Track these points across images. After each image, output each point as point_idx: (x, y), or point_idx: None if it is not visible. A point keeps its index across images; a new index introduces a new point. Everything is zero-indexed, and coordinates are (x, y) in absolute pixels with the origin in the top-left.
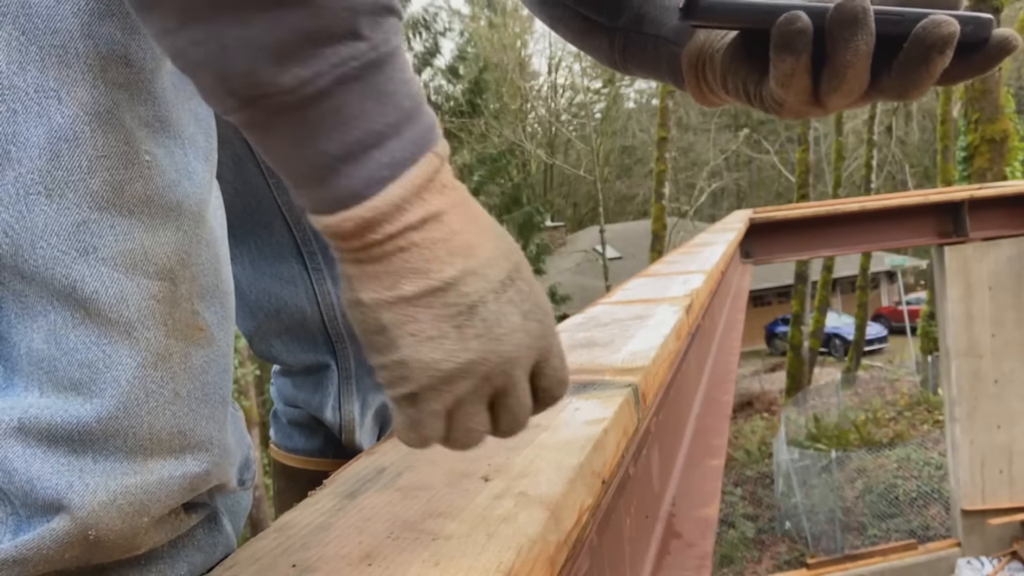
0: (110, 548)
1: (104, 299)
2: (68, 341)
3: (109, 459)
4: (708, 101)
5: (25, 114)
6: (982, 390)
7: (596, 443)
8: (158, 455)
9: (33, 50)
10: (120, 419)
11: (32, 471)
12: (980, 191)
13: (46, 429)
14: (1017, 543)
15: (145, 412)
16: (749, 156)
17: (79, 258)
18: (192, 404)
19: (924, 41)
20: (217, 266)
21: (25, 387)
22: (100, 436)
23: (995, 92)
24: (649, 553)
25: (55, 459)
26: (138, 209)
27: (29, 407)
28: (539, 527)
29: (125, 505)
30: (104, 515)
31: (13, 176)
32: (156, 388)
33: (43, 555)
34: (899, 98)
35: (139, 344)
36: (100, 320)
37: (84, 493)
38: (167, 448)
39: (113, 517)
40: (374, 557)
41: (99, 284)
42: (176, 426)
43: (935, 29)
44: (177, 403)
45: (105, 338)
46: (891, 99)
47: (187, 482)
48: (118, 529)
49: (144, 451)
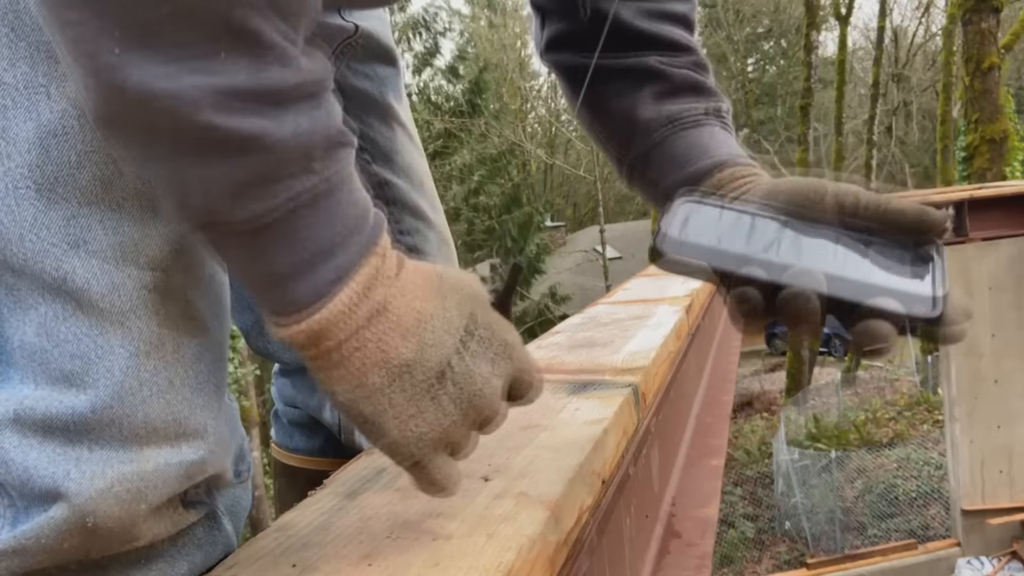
0: (108, 538)
1: (95, 290)
2: (60, 333)
3: (105, 448)
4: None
5: (15, 109)
6: (982, 390)
7: (596, 443)
8: (154, 443)
9: (22, 46)
10: (114, 409)
11: (29, 461)
12: (980, 191)
13: (41, 420)
14: (1017, 543)
15: (139, 401)
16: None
17: (69, 251)
18: (186, 393)
19: (859, 347)
20: (211, 257)
21: (21, 379)
22: (95, 426)
23: (995, 92)
24: (649, 553)
25: (51, 449)
26: (128, 203)
27: (24, 399)
28: (539, 527)
29: (122, 492)
30: (102, 502)
31: (2, 171)
32: (150, 377)
33: (42, 545)
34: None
35: (132, 334)
36: (92, 311)
37: (81, 481)
38: (163, 436)
39: (111, 504)
40: (374, 557)
41: (90, 276)
42: (171, 415)
43: (871, 336)
44: (171, 392)
45: (97, 329)
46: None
47: (183, 470)
48: (116, 517)
49: (140, 439)
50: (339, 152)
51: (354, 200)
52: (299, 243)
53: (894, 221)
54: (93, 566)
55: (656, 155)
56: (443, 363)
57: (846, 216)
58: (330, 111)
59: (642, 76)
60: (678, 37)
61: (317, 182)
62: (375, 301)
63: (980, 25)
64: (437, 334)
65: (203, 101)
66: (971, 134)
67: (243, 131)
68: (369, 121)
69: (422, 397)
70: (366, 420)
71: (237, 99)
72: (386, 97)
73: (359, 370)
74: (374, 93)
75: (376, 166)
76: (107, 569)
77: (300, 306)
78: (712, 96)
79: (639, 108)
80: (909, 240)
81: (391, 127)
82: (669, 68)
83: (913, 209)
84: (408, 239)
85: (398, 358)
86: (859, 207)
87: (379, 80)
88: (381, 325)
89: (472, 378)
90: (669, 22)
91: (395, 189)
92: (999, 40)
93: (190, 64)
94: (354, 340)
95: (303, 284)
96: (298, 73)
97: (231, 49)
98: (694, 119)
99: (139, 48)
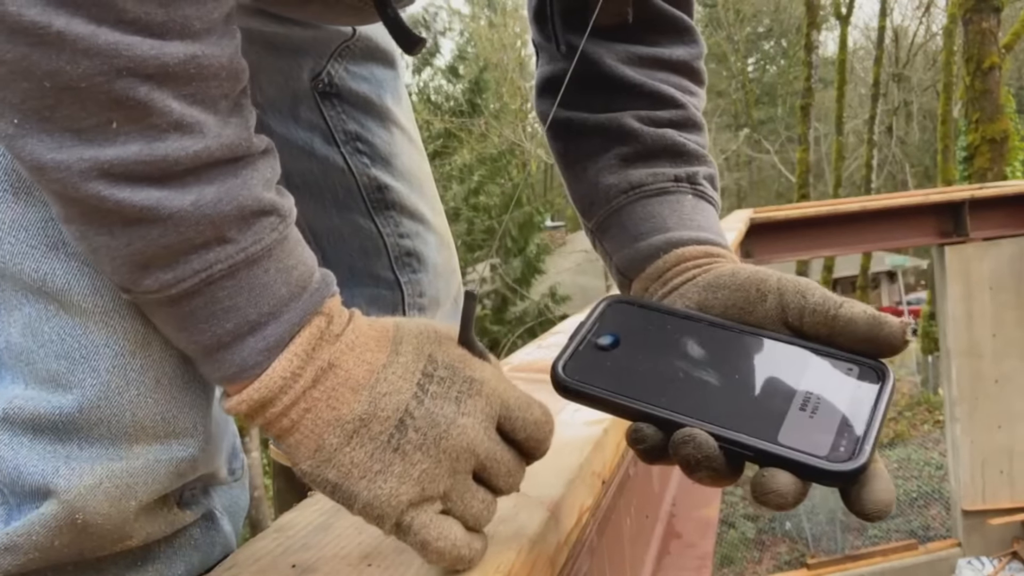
0: (100, 536)
1: (77, 291)
2: (44, 333)
3: (94, 445)
4: None
5: None
6: (982, 390)
7: (596, 443)
8: (143, 441)
9: None
10: (102, 407)
11: (19, 459)
12: (981, 191)
13: (30, 419)
14: (1017, 543)
15: (127, 400)
16: (749, 156)
17: (48, 252)
18: (174, 391)
19: (754, 495)
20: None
21: (12, 379)
22: (83, 424)
23: (996, 92)
24: (649, 553)
25: (41, 447)
26: None
27: (14, 398)
28: (539, 527)
29: (111, 488)
30: (91, 498)
31: None
32: (136, 376)
33: (33, 541)
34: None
35: (116, 333)
36: (75, 311)
37: (70, 477)
38: (151, 434)
39: (100, 501)
40: (374, 557)
41: (71, 277)
42: (159, 413)
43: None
44: (159, 391)
45: (80, 328)
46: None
47: (174, 467)
48: (105, 513)
49: (128, 437)
50: (261, 222)
51: (287, 267)
52: (221, 314)
53: (843, 331)
54: (88, 567)
55: (612, 224)
56: (400, 411)
57: (790, 323)
58: (249, 179)
59: (613, 136)
60: (666, 89)
61: (233, 252)
62: (322, 360)
63: (981, 25)
64: (391, 382)
65: (90, 173)
66: (972, 134)
67: (135, 203)
68: (368, 124)
69: (384, 450)
70: (335, 487)
71: (127, 171)
72: (384, 100)
73: (313, 432)
74: (372, 96)
75: (375, 169)
76: (102, 571)
77: (234, 377)
78: (691, 160)
79: (603, 172)
80: (857, 357)
81: (389, 130)
82: (643, 128)
83: (865, 319)
84: (408, 242)
85: (351, 413)
86: (804, 314)
87: (377, 83)
88: (329, 382)
89: (435, 420)
90: (663, 70)
91: (394, 192)
92: (1000, 40)
93: (85, 136)
94: (302, 402)
95: (232, 354)
96: (201, 140)
97: (122, 121)
98: (659, 187)
99: (36, 121)
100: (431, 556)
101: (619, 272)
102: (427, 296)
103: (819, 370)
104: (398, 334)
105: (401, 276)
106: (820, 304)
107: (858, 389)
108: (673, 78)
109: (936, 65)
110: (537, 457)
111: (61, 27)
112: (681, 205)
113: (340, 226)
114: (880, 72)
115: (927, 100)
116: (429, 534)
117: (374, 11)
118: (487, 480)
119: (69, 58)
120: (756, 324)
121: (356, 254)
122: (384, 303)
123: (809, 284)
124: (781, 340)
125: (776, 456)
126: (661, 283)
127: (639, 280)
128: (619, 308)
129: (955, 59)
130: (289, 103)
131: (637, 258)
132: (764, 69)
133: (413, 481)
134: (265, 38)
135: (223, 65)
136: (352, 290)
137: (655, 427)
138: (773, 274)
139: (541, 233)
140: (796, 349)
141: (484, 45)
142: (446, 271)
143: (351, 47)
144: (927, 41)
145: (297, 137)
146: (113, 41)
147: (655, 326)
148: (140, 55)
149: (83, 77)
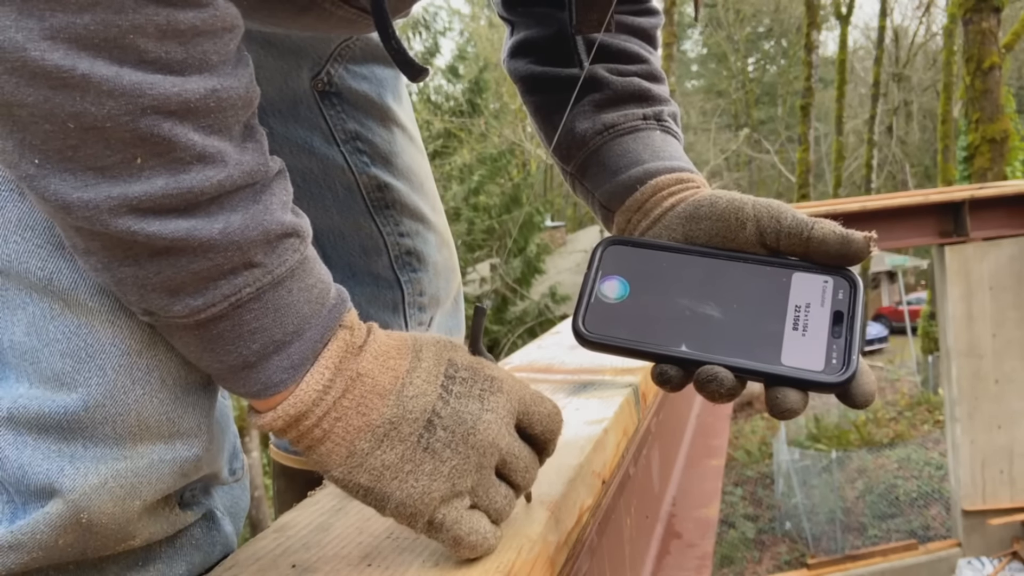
0: (103, 535)
1: (83, 290)
2: (49, 332)
3: (99, 445)
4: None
5: None
6: (983, 390)
7: (596, 443)
8: (147, 440)
9: None
10: (107, 407)
11: (24, 458)
12: (981, 191)
13: (35, 418)
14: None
15: (132, 400)
16: (749, 156)
17: (55, 251)
18: (179, 392)
19: (771, 411)
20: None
21: (16, 378)
22: (88, 424)
23: (996, 92)
24: (649, 553)
25: (45, 446)
26: None
27: (19, 397)
28: (539, 527)
29: (116, 488)
30: (95, 498)
31: None
32: (143, 375)
33: (37, 540)
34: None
35: (122, 332)
36: (80, 310)
37: (75, 477)
38: (156, 434)
39: (104, 500)
40: (374, 557)
41: (77, 276)
42: (164, 413)
43: (780, 405)
44: (164, 390)
45: (86, 328)
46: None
47: (178, 467)
48: (110, 513)
49: (133, 437)
50: (284, 244)
51: (308, 286)
52: (248, 336)
53: (817, 250)
54: (90, 567)
55: (591, 164)
56: (428, 412)
57: (768, 245)
58: (269, 203)
59: (585, 86)
60: (631, 47)
61: (260, 275)
62: (350, 371)
63: (981, 24)
64: (416, 385)
65: (119, 209)
66: (972, 134)
67: (165, 235)
68: (368, 123)
69: (415, 450)
70: (367, 490)
71: (155, 204)
72: (384, 99)
73: (344, 439)
74: (372, 95)
75: (375, 168)
76: (104, 570)
77: (258, 394)
78: (656, 102)
79: (578, 118)
80: (829, 268)
81: (390, 129)
82: (613, 77)
83: (836, 238)
84: (408, 241)
85: (380, 418)
86: (780, 236)
87: (378, 82)
88: (358, 391)
89: (461, 418)
90: (626, 33)
91: (394, 191)
92: (1000, 39)
93: (108, 173)
94: (333, 412)
95: (258, 373)
96: (224, 169)
97: (146, 156)
98: (631, 126)
99: (58, 161)
100: (463, 551)
101: (602, 206)
102: (427, 295)
103: (800, 285)
104: (416, 343)
105: (401, 275)
106: (794, 227)
107: (836, 298)
108: (635, 40)
109: (936, 65)
110: (549, 452)
111: (85, 70)
112: (651, 140)
113: (340, 225)
114: (880, 72)
115: (927, 100)
116: (461, 529)
117: (369, 22)
118: (506, 475)
119: (94, 100)
120: (738, 248)
121: (356, 253)
122: (384, 302)
123: (781, 207)
124: (763, 262)
125: (783, 377)
126: (642, 214)
127: (621, 212)
128: (615, 250)
129: (955, 59)
130: (289, 102)
131: (618, 190)
132: (764, 69)
133: (444, 478)
134: (264, 38)
135: (240, 96)
136: (352, 289)
137: (677, 367)
138: (748, 200)
139: (541, 233)
140: (777, 269)
141: (484, 45)
142: (446, 270)
143: (351, 47)
144: (927, 41)
145: (297, 136)
146: (136, 81)
147: (654, 265)
148: (163, 93)
149: (108, 117)
